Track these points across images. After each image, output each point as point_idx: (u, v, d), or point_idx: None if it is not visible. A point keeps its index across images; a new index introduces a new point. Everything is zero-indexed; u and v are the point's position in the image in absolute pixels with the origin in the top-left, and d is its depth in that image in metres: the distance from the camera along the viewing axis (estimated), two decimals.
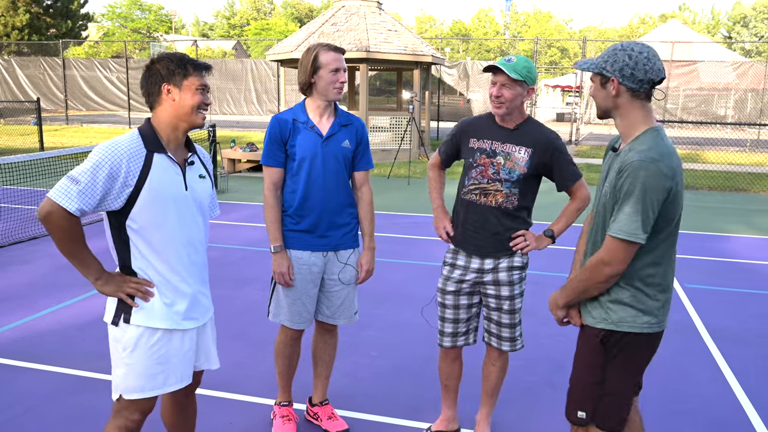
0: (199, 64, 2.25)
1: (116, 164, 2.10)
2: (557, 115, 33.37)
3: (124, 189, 2.13)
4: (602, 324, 2.23)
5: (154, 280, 2.23)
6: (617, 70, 2.13)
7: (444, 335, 3.07)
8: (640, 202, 2.05)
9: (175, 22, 60.88)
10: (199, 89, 2.23)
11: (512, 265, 2.92)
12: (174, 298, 2.26)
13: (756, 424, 3.44)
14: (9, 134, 19.01)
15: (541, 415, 3.49)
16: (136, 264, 2.22)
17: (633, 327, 2.20)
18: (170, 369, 2.27)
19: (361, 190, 3.15)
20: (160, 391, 2.27)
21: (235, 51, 52.11)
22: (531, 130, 2.86)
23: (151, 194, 2.16)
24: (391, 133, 15.49)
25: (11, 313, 4.84)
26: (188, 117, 2.24)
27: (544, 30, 66.34)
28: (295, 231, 3.01)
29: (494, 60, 39.97)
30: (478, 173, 2.87)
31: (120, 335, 2.23)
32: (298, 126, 2.97)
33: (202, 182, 2.36)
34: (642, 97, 2.16)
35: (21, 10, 30.97)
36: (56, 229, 2.08)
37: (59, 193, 2.07)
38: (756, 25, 58.07)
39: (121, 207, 2.16)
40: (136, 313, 2.21)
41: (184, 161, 2.30)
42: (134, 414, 2.29)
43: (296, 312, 3.05)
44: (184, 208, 2.26)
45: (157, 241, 2.21)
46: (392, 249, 6.97)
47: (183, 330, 2.29)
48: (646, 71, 2.11)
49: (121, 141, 2.16)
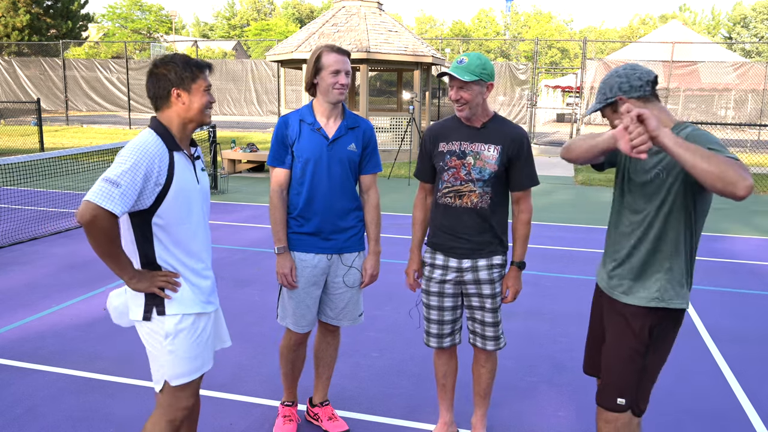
0: (203, 65, 2.32)
1: (151, 165, 2.18)
2: (557, 115, 33.38)
3: (155, 188, 2.21)
4: (653, 303, 2.27)
5: (179, 270, 2.33)
6: (617, 92, 2.26)
7: (430, 336, 3.07)
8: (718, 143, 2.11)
9: (175, 22, 60.85)
10: (206, 90, 2.31)
11: (492, 263, 2.92)
12: (199, 284, 2.38)
13: (756, 423, 3.44)
14: (9, 135, 19.02)
15: (542, 416, 3.50)
16: (161, 257, 2.30)
17: (682, 303, 2.27)
18: (206, 350, 2.40)
19: (368, 194, 3.13)
20: (200, 372, 2.38)
21: (236, 51, 52.12)
22: (498, 127, 2.86)
23: (176, 191, 2.26)
24: (391, 133, 15.50)
25: (11, 314, 4.84)
26: (197, 117, 2.33)
27: (544, 31, 66.33)
28: (300, 233, 3.00)
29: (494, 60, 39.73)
30: (450, 176, 2.86)
31: (158, 327, 2.30)
32: (304, 127, 2.96)
33: (204, 175, 2.48)
34: (653, 99, 2.26)
35: (21, 10, 30.97)
36: (99, 232, 2.11)
37: (101, 196, 2.09)
38: (756, 26, 58.05)
39: (149, 205, 2.23)
40: (169, 304, 2.30)
41: (192, 156, 2.40)
42: (182, 401, 2.37)
43: (300, 315, 3.05)
44: (198, 200, 2.37)
45: (182, 234, 2.31)
46: (392, 250, 6.97)
47: (207, 313, 2.41)
48: (639, 77, 2.25)
49: (150, 141, 2.22)
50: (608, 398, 2.35)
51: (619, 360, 2.34)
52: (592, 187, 12.14)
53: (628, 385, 2.32)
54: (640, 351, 2.29)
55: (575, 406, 3.60)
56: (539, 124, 26.57)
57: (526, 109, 22.65)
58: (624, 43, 31.53)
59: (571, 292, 5.66)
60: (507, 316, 4.97)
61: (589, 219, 9.03)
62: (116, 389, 3.62)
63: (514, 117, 24.21)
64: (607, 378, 2.37)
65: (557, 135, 24.36)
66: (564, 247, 7.32)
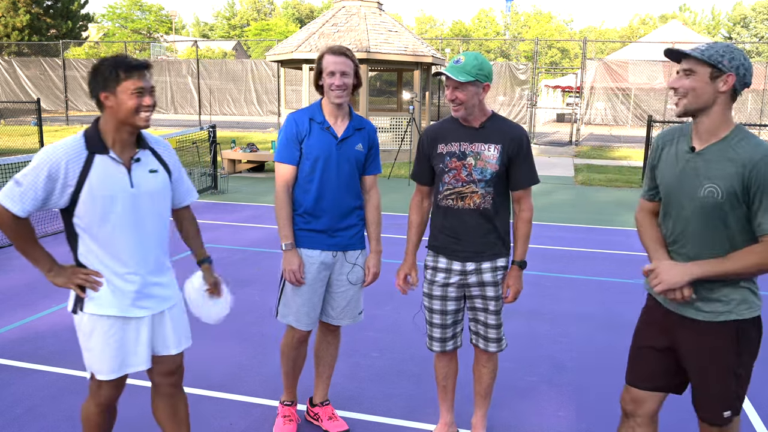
0: (132, 66, 2.26)
1: (55, 166, 2.22)
2: (557, 115, 33.38)
3: (65, 189, 2.25)
4: (735, 317, 2.20)
5: (100, 270, 2.35)
6: (734, 68, 2.08)
7: (433, 340, 3.04)
8: None
9: (175, 22, 60.89)
10: (135, 92, 2.25)
11: (496, 266, 2.91)
12: (121, 287, 2.37)
13: (756, 424, 3.44)
14: (9, 135, 19.02)
15: (542, 415, 3.50)
16: (82, 256, 2.36)
17: (754, 312, 2.21)
18: (126, 353, 2.41)
19: (370, 194, 3.15)
20: (119, 373, 2.41)
21: (236, 51, 52.13)
22: (497, 126, 2.84)
23: (92, 194, 2.27)
24: (391, 133, 15.50)
25: (11, 314, 4.84)
26: (128, 120, 2.29)
27: (544, 31, 66.34)
28: (306, 230, 3.00)
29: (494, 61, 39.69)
30: (451, 177, 2.84)
31: (79, 322, 2.40)
32: (314, 126, 2.97)
33: (154, 177, 2.43)
34: (734, 99, 2.14)
35: (21, 10, 30.98)
36: (6, 229, 2.24)
37: (4, 195, 2.21)
38: (756, 26, 58.07)
39: (67, 205, 2.29)
40: (87, 302, 2.35)
41: (131, 159, 2.37)
42: (105, 391, 2.47)
43: (305, 312, 3.04)
44: (130, 204, 2.35)
45: (102, 236, 2.32)
46: (392, 250, 6.97)
47: (137, 318, 2.41)
48: (751, 76, 2.10)
49: (62, 144, 2.27)
50: (715, 415, 2.28)
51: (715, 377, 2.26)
52: (592, 187, 12.14)
53: (730, 397, 2.25)
54: (733, 361, 2.22)
55: (575, 406, 3.60)
56: (539, 124, 26.56)
57: (526, 109, 22.65)
58: (624, 43, 31.54)
59: (571, 292, 5.66)
60: (507, 316, 4.96)
61: (589, 219, 9.03)
62: None
63: (514, 117, 24.20)
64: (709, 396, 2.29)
65: (557, 135, 24.36)
66: (564, 247, 7.32)
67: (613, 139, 22.72)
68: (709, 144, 2.16)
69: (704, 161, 2.15)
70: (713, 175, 2.11)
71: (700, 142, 2.19)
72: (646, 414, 2.45)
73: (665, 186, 2.29)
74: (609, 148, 19.99)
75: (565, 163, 15.91)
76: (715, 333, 2.22)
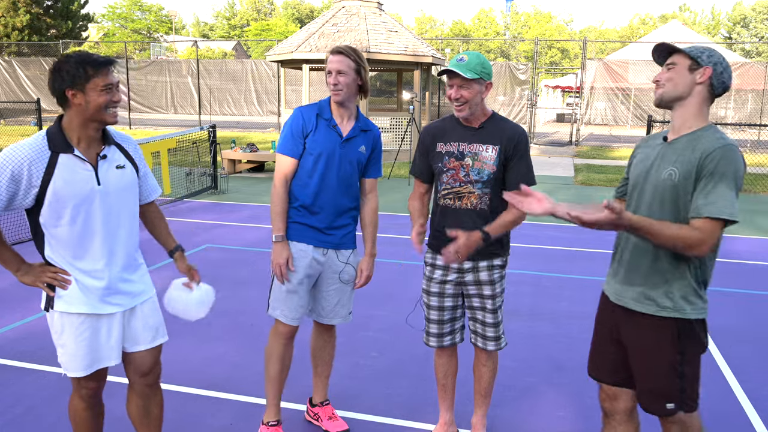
0: (100, 62, 2.25)
1: (17, 167, 2.21)
2: (557, 115, 33.39)
3: (30, 190, 2.24)
4: (677, 314, 2.26)
5: (66, 269, 2.36)
6: (712, 63, 2.21)
7: (430, 335, 3.06)
8: (734, 183, 2.11)
9: (175, 22, 60.88)
10: (104, 89, 2.25)
11: (492, 264, 2.91)
12: (89, 284, 2.37)
13: (756, 423, 3.44)
14: (9, 135, 19.02)
15: (542, 415, 3.50)
16: (48, 254, 2.35)
17: (698, 314, 2.28)
18: (98, 349, 2.42)
19: (368, 197, 3.15)
20: (90, 369, 2.42)
21: (236, 52, 52.12)
22: (496, 127, 2.83)
23: (57, 193, 2.26)
24: (391, 133, 15.50)
25: (11, 313, 4.84)
26: (97, 117, 2.29)
27: (544, 31, 66.33)
28: (301, 223, 3.00)
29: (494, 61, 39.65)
30: (449, 177, 2.84)
31: (50, 320, 2.41)
32: (321, 122, 2.96)
33: (122, 173, 2.42)
34: (712, 99, 2.25)
35: (21, 10, 30.97)
36: None
37: None
38: (756, 26, 58.07)
39: (32, 205, 2.28)
40: (56, 300, 2.36)
41: (97, 156, 2.36)
42: (87, 384, 2.49)
43: (292, 306, 3.02)
44: (98, 201, 2.34)
45: (68, 235, 2.31)
46: (392, 250, 6.97)
47: (108, 314, 2.41)
48: (729, 77, 2.23)
49: (24, 144, 2.25)
50: (656, 406, 2.34)
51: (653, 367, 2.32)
52: (592, 187, 12.14)
53: (671, 389, 2.30)
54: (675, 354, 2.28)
55: (575, 406, 3.60)
56: (539, 124, 26.57)
57: (526, 109, 22.64)
58: (624, 43, 31.54)
59: (572, 292, 5.66)
60: (507, 316, 4.97)
61: None
62: (116, 389, 3.62)
63: (514, 117, 24.19)
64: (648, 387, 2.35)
65: (557, 135, 24.36)
66: (564, 247, 7.32)
67: (613, 139, 22.73)
68: (680, 135, 2.26)
69: (673, 150, 2.25)
70: (676, 160, 2.22)
71: (673, 133, 2.30)
72: (623, 411, 2.51)
73: (635, 176, 2.38)
74: (609, 148, 19.99)
75: (565, 163, 15.91)
76: (655, 328, 2.29)
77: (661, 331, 2.28)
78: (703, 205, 2.10)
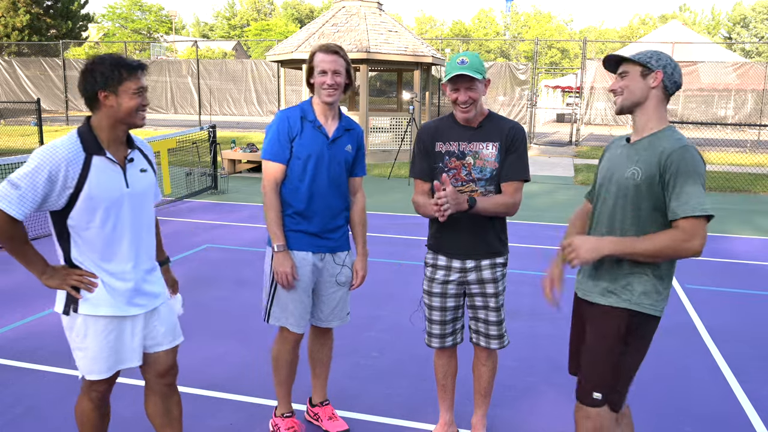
0: (134, 66, 2.28)
1: (55, 168, 2.20)
2: (557, 115, 33.39)
3: (64, 191, 2.23)
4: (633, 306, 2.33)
5: (93, 271, 2.35)
6: (661, 66, 2.30)
7: (432, 336, 3.05)
8: (698, 179, 2.20)
9: (175, 22, 60.88)
10: (136, 92, 2.27)
11: (495, 263, 2.91)
12: (117, 287, 2.37)
13: (756, 423, 3.44)
14: (9, 135, 19.02)
15: (542, 415, 3.50)
16: (76, 257, 2.34)
17: (655, 310, 2.33)
18: (120, 351, 2.43)
19: (356, 196, 3.14)
20: (112, 371, 2.43)
21: (236, 52, 52.12)
22: (494, 124, 2.85)
23: (90, 196, 2.26)
24: (391, 133, 15.49)
25: (11, 313, 4.84)
26: (127, 120, 2.30)
27: (544, 31, 66.33)
28: (297, 231, 2.97)
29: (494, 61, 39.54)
30: (451, 177, 2.83)
31: (71, 323, 2.38)
32: (306, 125, 2.93)
33: (144, 176, 2.46)
34: (667, 98, 2.35)
35: (21, 10, 30.98)
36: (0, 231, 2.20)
37: (1, 198, 2.16)
38: (756, 26, 58.08)
39: (63, 207, 2.26)
40: (82, 303, 2.34)
41: (125, 159, 2.37)
42: (99, 387, 2.49)
43: (300, 315, 3.03)
44: (126, 204, 2.36)
45: (97, 237, 2.31)
46: (392, 250, 6.97)
47: (132, 316, 2.42)
48: (679, 75, 2.33)
49: (60, 145, 2.23)
50: (584, 393, 2.41)
51: (594, 354, 2.40)
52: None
53: (603, 379, 2.38)
54: (618, 346, 2.35)
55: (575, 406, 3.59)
56: (539, 124, 26.56)
57: (526, 109, 22.63)
58: (624, 43, 31.56)
59: (571, 292, 5.65)
60: (508, 316, 4.96)
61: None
62: (116, 389, 3.61)
63: (514, 117, 24.19)
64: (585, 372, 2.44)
65: (557, 135, 24.36)
66: None
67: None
68: (642, 137, 2.36)
69: (635, 150, 2.34)
70: (639, 160, 2.31)
71: (636, 135, 2.40)
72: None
73: (601, 177, 2.48)
74: None
75: (565, 163, 15.91)
76: (609, 317, 2.37)
77: (612, 320, 2.36)
78: (677, 206, 2.20)
